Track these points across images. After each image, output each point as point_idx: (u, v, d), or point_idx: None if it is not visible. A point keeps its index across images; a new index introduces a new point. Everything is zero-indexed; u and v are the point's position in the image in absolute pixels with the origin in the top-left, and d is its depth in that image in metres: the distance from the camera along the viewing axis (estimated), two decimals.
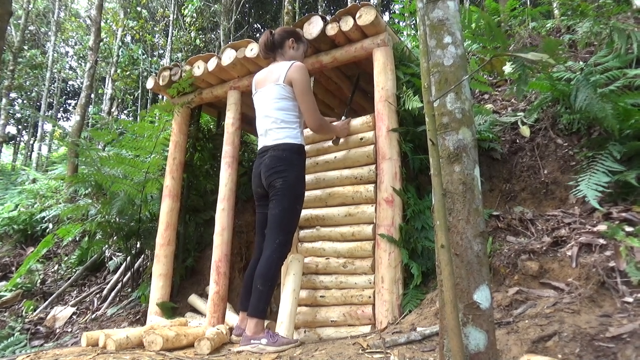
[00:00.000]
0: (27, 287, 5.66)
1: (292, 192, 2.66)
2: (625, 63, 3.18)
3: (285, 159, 2.68)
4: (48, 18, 17.56)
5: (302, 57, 3.03)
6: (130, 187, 4.60)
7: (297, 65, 2.77)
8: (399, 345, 2.05)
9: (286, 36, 2.94)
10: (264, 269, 2.52)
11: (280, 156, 2.69)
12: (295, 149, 2.72)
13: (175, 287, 4.08)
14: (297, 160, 2.72)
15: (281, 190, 2.64)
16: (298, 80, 2.73)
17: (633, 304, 1.88)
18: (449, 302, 1.22)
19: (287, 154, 2.69)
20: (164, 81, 4.11)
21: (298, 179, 2.70)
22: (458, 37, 1.55)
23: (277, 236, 2.59)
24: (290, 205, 2.65)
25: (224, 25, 11.08)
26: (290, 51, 2.94)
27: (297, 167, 2.71)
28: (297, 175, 2.69)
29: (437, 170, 1.34)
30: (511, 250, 2.42)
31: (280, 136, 2.73)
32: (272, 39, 2.93)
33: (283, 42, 2.93)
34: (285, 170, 2.66)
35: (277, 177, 2.66)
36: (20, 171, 12.76)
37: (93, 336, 2.68)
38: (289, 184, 2.64)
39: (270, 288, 2.51)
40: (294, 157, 2.71)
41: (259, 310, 2.47)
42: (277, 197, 2.65)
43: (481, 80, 3.78)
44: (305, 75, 2.75)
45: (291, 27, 3.10)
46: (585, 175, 2.67)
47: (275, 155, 2.70)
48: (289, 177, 2.65)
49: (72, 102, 22.62)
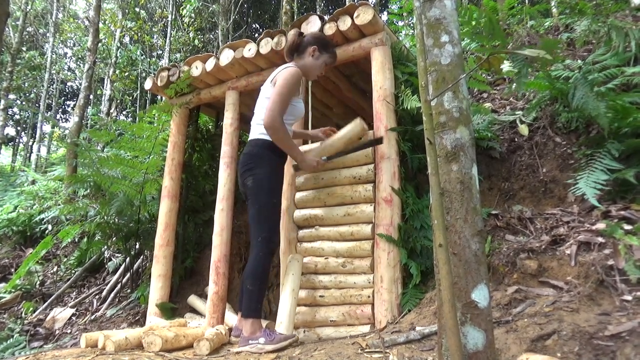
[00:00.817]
0: (26, 288, 5.65)
1: (263, 189, 2.62)
2: (623, 61, 3.18)
3: (255, 155, 2.67)
4: (46, 19, 17.54)
5: (319, 68, 2.89)
6: (129, 188, 4.60)
7: (288, 69, 2.70)
8: (398, 345, 2.05)
9: (312, 42, 2.85)
10: (252, 268, 2.52)
11: (251, 152, 2.68)
12: (266, 145, 2.67)
13: (175, 288, 4.08)
14: (268, 156, 2.67)
15: (253, 188, 2.64)
16: (280, 79, 2.65)
17: (632, 302, 1.88)
18: (447, 301, 1.22)
19: (257, 149, 2.68)
20: (162, 82, 4.11)
21: (268, 174, 2.65)
22: (455, 35, 1.55)
23: (259, 234, 2.58)
24: (265, 201, 2.61)
25: (223, 26, 11.08)
26: (309, 58, 2.84)
27: (267, 162, 2.66)
28: (267, 171, 2.65)
29: (435, 169, 1.34)
30: (510, 249, 2.42)
31: (256, 132, 2.74)
32: (297, 42, 2.86)
33: (306, 48, 2.84)
34: (255, 167, 2.65)
35: (248, 175, 2.66)
36: (19, 172, 12.75)
37: (92, 337, 2.68)
38: (259, 180, 2.62)
39: (261, 286, 2.51)
40: (264, 152, 2.67)
41: (252, 310, 2.48)
42: (251, 196, 2.65)
43: (480, 79, 3.78)
44: (291, 78, 2.65)
45: (323, 35, 2.99)
46: (584, 174, 2.66)
47: (246, 153, 2.70)
48: (258, 173, 2.63)
49: (70, 103, 22.61)
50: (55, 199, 8.00)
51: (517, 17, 5.24)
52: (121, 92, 16.44)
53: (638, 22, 3.51)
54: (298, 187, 3.24)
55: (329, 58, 2.92)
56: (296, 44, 2.86)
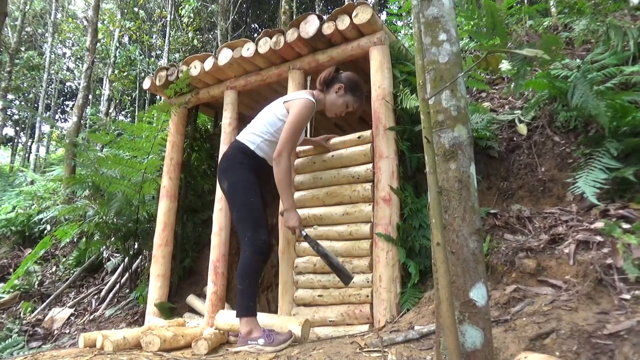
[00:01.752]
0: (25, 288, 5.64)
1: (238, 190, 2.65)
2: (622, 60, 3.18)
3: (230, 157, 2.70)
4: (45, 19, 17.52)
5: (340, 107, 2.85)
6: (128, 188, 4.60)
7: (303, 100, 2.68)
8: (397, 344, 2.05)
9: (341, 80, 2.83)
10: (240, 267, 2.54)
11: (227, 154, 2.72)
12: (243, 149, 2.71)
13: (173, 288, 4.08)
14: (242, 159, 2.69)
15: (228, 192, 2.68)
16: (293, 109, 2.66)
17: (630, 301, 1.88)
18: (445, 300, 1.21)
19: (234, 152, 2.71)
20: (161, 81, 4.10)
21: (241, 175, 2.67)
22: (453, 34, 1.55)
23: (244, 234, 2.59)
24: (243, 201, 2.63)
25: (222, 26, 11.07)
26: (333, 94, 2.82)
27: (240, 166, 2.68)
28: (240, 173, 2.67)
29: (433, 168, 1.34)
30: (509, 248, 2.42)
31: (243, 137, 2.78)
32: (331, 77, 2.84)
33: (334, 83, 2.82)
34: (228, 169, 2.69)
35: (222, 177, 2.70)
36: (18, 172, 12.73)
37: (91, 337, 2.68)
38: (233, 183, 2.66)
39: (250, 285, 2.51)
40: (239, 156, 2.70)
41: (245, 308, 2.48)
42: (229, 200, 2.70)
43: (478, 78, 3.78)
44: (305, 110, 2.65)
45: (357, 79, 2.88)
46: (583, 172, 2.66)
47: (224, 153, 2.75)
48: (231, 176, 2.67)
49: (69, 103, 22.58)
50: (54, 199, 7.99)
51: (516, 16, 5.24)
52: (120, 92, 16.43)
53: (637, 22, 3.51)
54: (297, 187, 3.23)
55: (353, 101, 2.85)
56: (330, 78, 2.84)
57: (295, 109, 2.66)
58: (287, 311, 2.97)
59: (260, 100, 4.62)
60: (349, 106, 2.87)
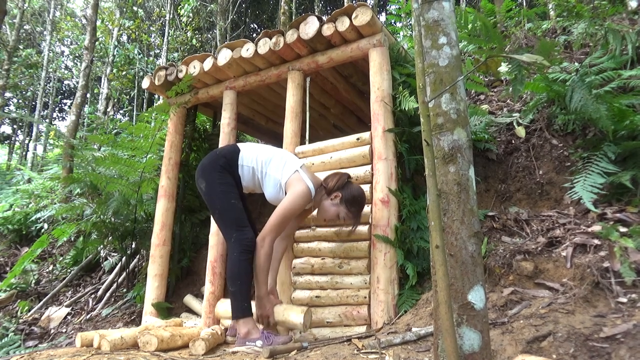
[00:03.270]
0: (21, 287, 5.63)
1: (215, 193, 2.61)
2: (620, 64, 3.20)
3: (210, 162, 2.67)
4: (43, 17, 17.48)
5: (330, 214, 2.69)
6: (126, 187, 4.59)
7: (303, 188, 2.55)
8: (394, 346, 2.06)
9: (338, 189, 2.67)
10: (229, 269, 2.51)
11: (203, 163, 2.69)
12: (232, 157, 2.67)
13: (171, 288, 4.07)
14: (224, 164, 2.65)
15: (206, 195, 2.65)
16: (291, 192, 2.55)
17: (627, 304, 1.88)
18: (444, 303, 1.22)
19: (214, 157, 2.69)
20: (160, 81, 4.10)
21: (216, 179, 2.62)
22: (453, 37, 1.55)
23: (229, 235, 2.56)
24: (223, 203, 2.59)
25: (221, 25, 11.07)
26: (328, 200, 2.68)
27: (217, 168, 2.64)
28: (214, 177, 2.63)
29: (432, 170, 1.34)
30: (506, 251, 2.43)
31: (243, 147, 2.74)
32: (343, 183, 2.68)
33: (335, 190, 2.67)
34: (204, 171, 2.66)
35: (200, 180, 2.66)
36: (15, 171, 12.69)
37: (87, 337, 2.67)
38: (208, 188, 2.62)
39: (242, 286, 2.48)
40: (222, 160, 2.66)
41: (239, 309, 2.46)
42: (208, 203, 2.66)
43: (477, 81, 3.79)
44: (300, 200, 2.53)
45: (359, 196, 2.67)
46: (581, 177, 2.67)
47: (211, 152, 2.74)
48: (208, 178, 2.64)
49: (67, 101, 22.53)
50: (52, 197, 7.97)
51: (515, 19, 5.26)
52: (118, 91, 16.40)
53: (635, 25, 3.53)
54: None
55: (346, 214, 2.68)
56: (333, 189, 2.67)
57: (291, 196, 2.54)
58: None
59: (259, 100, 4.62)
60: (340, 217, 2.70)
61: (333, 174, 2.76)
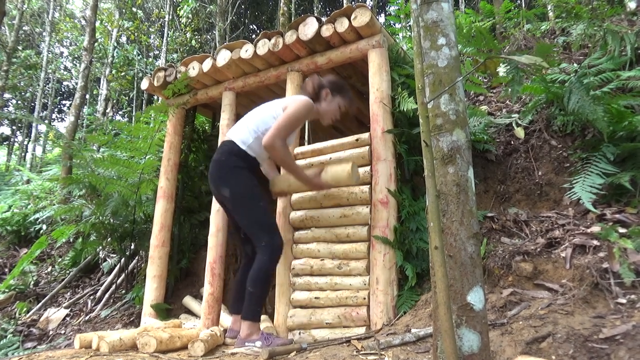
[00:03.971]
0: (20, 288, 5.62)
1: (244, 198, 2.56)
2: (618, 65, 3.20)
3: (224, 164, 2.59)
4: (42, 18, 17.47)
5: (334, 112, 2.82)
6: (125, 188, 4.59)
7: (302, 98, 2.65)
8: (393, 347, 2.05)
9: (325, 85, 2.80)
10: (255, 271, 2.49)
11: (220, 160, 2.61)
12: (235, 152, 2.61)
13: (170, 289, 4.07)
14: (237, 162, 2.59)
15: (232, 200, 2.57)
16: (291, 104, 2.62)
17: (626, 305, 1.88)
18: (443, 304, 1.22)
19: (226, 157, 2.61)
20: (159, 82, 4.10)
21: (243, 182, 2.58)
22: (452, 38, 1.55)
23: (260, 239, 2.53)
24: (252, 209, 2.56)
25: (220, 26, 11.07)
26: (322, 103, 2.78)
27: (237, 170, 2.59)
28: (241, 180, 2.58)
29: (431, 171, 1.34)
30: (505, 252, 2.43)
31: (234, 135, 2.67)
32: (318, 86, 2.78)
33: (320, 92, 2.78)
34: (226, 176, 2.58)
35: (222, 186, 2.58)
36: (14, 172, 12.68)
37: (86, 338, 2.67)
38: (237, 192, 2.56)
39: (262, 290, 2.49)
40: (233, 159, 2.59)
41: (252, 312, 2.46)
42: (235, 208, 2.59)
43: (476, 82, 3.79)
44: (303, 108, 2.59)
45: (338, 80, 2.86)
46: (580, 177, 2.68)
47: (216, 160, 2.63)
48: (231, 183, 2.56)
49: (66, 102, 22.52)
50: (50, 198, 7.96)
51: (514, 20, 5.27)
52: (117, 92, 16.38)
53: (633, 27, 3.53)
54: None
55: (343, 100, 2.82)
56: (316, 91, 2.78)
57: (295, 105, 2.60)
58: (284, 313, 2.97)
59: (258, 101, 4.61)
60: (342, 107, 2.83)
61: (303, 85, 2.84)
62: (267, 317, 3.15)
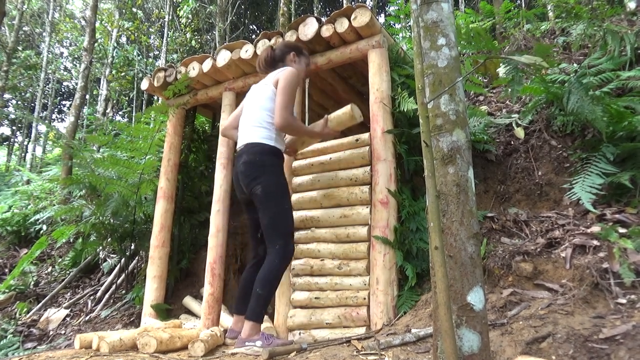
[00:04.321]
0: (20, 288, 5.62)
1: (274, 196, 2.58)
2: (618, 65, 3.20)
3: (258, 164, 2.60)
4: (42, 19, 17.47)
5: (304, 71, 2.99)
6: (125, 189, 4.59)
7: (288, 69, 2.72)
8: (394, 347, 2.05)
9: (287, 50, 2.91)
10: (266, 272, 2.47)
11: (253, 161, 2.61)
12: (266, 151, 2.63)
13: (170, 289, 4.07)
14: (271, 162, 2.63)
15: (263, 198, 2.57)
16: (283, 79, 2.66)
17: (626, 305, 1.88)
18: (443, 304, 1.22)
19: (260, 157, 2.61)
20: (159, 82, 4.10)
21: (276, 181, 2.62)
22: (452, 38, 1.55)
23: (276, 241, 2.53)
24: (279, 209, 2.58)
25: (220, 27, 11.07)
26: (293, 64, 2.88)
27: (271, 169, 2.62)
28: (274, 177, 2.61)
29: (431, 171, 1.34)
30: (505, 252, 2.43)
31: (254, 136, 2.66)
32: (272, 55, 2.91)
33: (284, 56, 2.89)
34: (261, 175, 2.58)
35: (255, 184, 2.58)
36: (14, 172, 12.67)
37: (86, 338, 2.67)
38: (269, 189, 2.57)
39: (270, 292, 2.48)
40: (266, 158, 2.62)
41: (257, 314, 2.45)
42: (262, 205, 2.59)
43: (476, 82, 3.79)
44: (292, 77, 2.68)
45: (292, 42, 3.08)
46: (580, 177, 2.68)
47: (249, 161, 2.62)
48: (265, 182, 2.57)
49: (66, 103, 22.51)
50: (51, 199, 7.96)
51: (514, 20, 5.27)
52: (117, 93, 16.38)
53: (633, 27, 3.53)
54: (294, 189, 3.24)
55: (307, 59, 3.01)
56: (272, 57, 2.91)
57: (285, 77, 2.67)
58: (284, 313, 2.97)
59: None
60: (308, 65, 3.06)
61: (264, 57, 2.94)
62: (267, 318, 3.15)
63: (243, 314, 2.55)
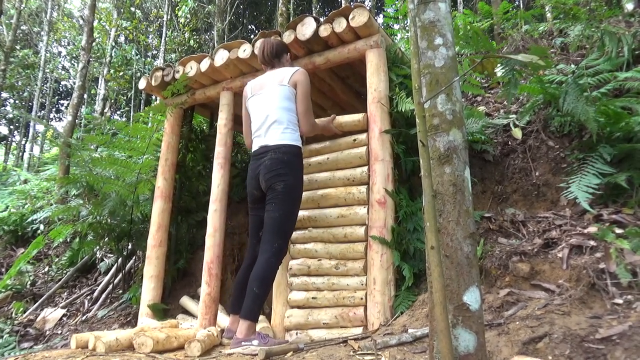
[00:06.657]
0: (17, 288, 5.60)
1: (292, 196, 2.66)
2: (616, 66, 3.21)
3: (287, 162, 2.66)
4: (40, 18, 17.44)
5: None
6: (122, 188, 4.58)
7: (302, 71, 2.85)
8: (390, 347, 2.05)
9: (286, 50, 3.05)
10: (262, 272, 2.49)
11: (282, 159, 2.66)
12: (295, 152, 2.72)
13: (167, 289, 4.06)
14: (298, 164, 2.72)
15: (282, 193, 2.62)
16: (303, 83, 2.79)
17: (623, 305, 1.89)
18: (439, 304, 1.22)
19: (289, 157, 2.67)
20: (157, 82, 4.09)
21: (298, 183, 2.71)
22: (449, 38, 1.55)
23: (275, 240, 2.56)
24: (290, 209, 2.65)
25: (218, 27, 11.06)
26: (287, 64, 3.02)
27: (297, 171, 2.71)
28: (297, 179, 2.70)
29: (428, 171, 1.34)
30: (502, 252, 2.43)
31: (283, 137, 2.70)
32: (274, 48, 2.97)
33: (282, 54, 3.00)
34: (287, 173, 2.64)
35: (278, 180, 2.63)
36: (11, 172, 12.65)
37: (83, 338, 2.66)
38: (290, 187, 2.64)
39: (266, 291, 2.50)
40: (295, 160, 2.70)
41: (253, 313, 2.45)
42: (277, 200, 2.62)
43: (473, 83, 3.79)
44: (308, 82, 2.83)
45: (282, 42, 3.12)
46: (576, 177, 2.68)
47: (276, 158, 2.66)
48: (290, 180, 2.64)
49: (64, 102, 22.48)
50: (48, 198, 7.94)
51: (512, 21, 5.28)
52: (115, 92, 16.36)
53: (631, 28, 3.54)
54: None
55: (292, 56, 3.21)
56: (276, 48, 2.98)
57: (302, 83, 2.81)
58: (281, 313, 2.97)
59: None
60: None
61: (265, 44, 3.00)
62: (264, 318, 3.15)
63: (239, 313, 2.55)
